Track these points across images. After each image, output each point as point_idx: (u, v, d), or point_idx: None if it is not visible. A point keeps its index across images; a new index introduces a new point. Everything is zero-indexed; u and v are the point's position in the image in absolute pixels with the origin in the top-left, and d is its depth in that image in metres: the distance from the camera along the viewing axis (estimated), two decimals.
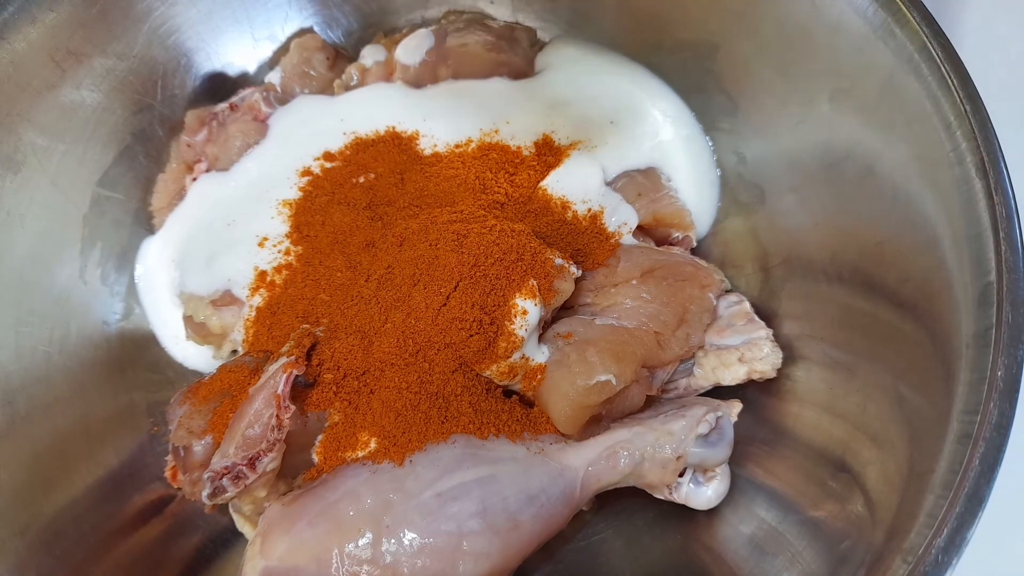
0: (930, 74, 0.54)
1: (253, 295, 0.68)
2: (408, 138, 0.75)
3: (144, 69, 0.73)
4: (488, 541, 0.55)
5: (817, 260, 0.66)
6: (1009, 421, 0.46)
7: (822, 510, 0.57)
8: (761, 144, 0.72)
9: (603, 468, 0.59)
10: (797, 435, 0.63)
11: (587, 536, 0.67)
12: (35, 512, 0.59)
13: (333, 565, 0.54)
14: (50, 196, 0.68)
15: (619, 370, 0.61)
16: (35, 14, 0.63)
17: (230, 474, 0.56)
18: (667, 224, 0.73)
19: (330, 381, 0.61)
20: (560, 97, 0.77)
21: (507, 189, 0.70)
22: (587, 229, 0.69)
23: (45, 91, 0.66)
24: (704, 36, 0.72)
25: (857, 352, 0.60)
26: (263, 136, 0.76)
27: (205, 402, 0.61)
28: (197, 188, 0.75)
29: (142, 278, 0.75)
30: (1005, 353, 0.47)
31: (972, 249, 0.50)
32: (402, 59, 0.79)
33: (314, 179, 0.73)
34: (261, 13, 0.79)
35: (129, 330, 0.73)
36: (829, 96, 0.63)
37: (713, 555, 0.61)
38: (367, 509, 0.55)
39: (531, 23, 0.83)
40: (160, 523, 0.65)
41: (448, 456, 0.57)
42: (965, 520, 0.45)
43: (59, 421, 0.65)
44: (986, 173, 0.50)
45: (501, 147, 0.73)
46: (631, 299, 0.65)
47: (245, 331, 0.67)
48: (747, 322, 0.67)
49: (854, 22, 0.58)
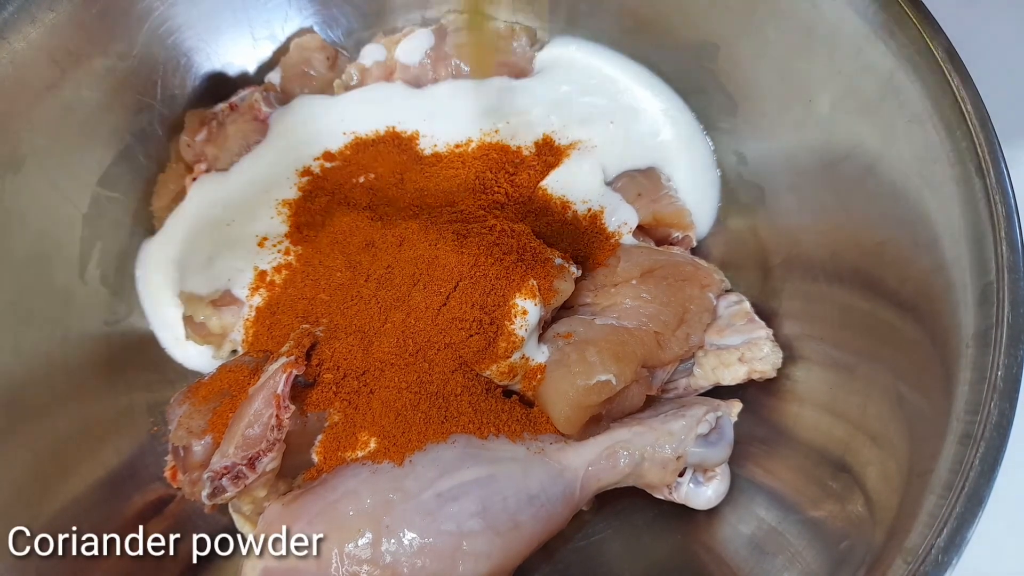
0: (930, 74, 0.54)
1: (253, 295, 0.68)
2: (408, 138, 0.75)
3: (144, 69, 0.73)
4: (488, 541, 0.55)
5: (817, 260, 0.66)
6: (1009, 421, 0.46)
7: (822, 510, 0.57)
8: (761, 144, 0.72)
9: (603, 468, 0.59)
10: (797, 435, 0.63)
11: (587, 536, 0.66)
12: (35, 512, 0.59)
13: (333, 565, 0.54)
14: (50, 196, 0.68)
15: (619, 370, 0.61)
16: (35, 14, 0.63)
17: (230, 474, 0.56)
18: (667, 224, 0.73)
19: (330, 381, 0.61)
20: (560, 97, 0.77)
21: (507, 189, 0.70)
22: (587, 229, 0.69)
23: (45, 91, 0.66)
24: (704, 36, 0.72)
25: (857, 352, 0.60)
26: (263, 136, 0.76)
27: (205, 402, 0.61)
28: (197, 188, 0.75)
29: (142, 278, 0.74)
30: (1005, 353, 0.47)
31: (972, 249, 0.50)
32: (402, 59, 0.79)
33: (314, 179, 0.73)
34: (261, 13, 0.79)
35: (129, 330, 0.73)
36: (829, 96, 0.63)
37: (713, 555, 0.61)
38: (367, 509, 0.55)
39: (531, 23, 0.83)
40: (160, 523, 0.65)
41: (448, 456, 0.57)
42: (965, 520, 0.45)
43: (59, 421, 0.64)
44: (986, 173, 0.50)
45: (501, 147, 0.73)
46: (631, 299, 0.65)
47: (245, 331, 0.67)
48: (747, 322, 0.67)
49: (854, 22, 0.58)
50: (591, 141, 0.75)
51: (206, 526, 0.65)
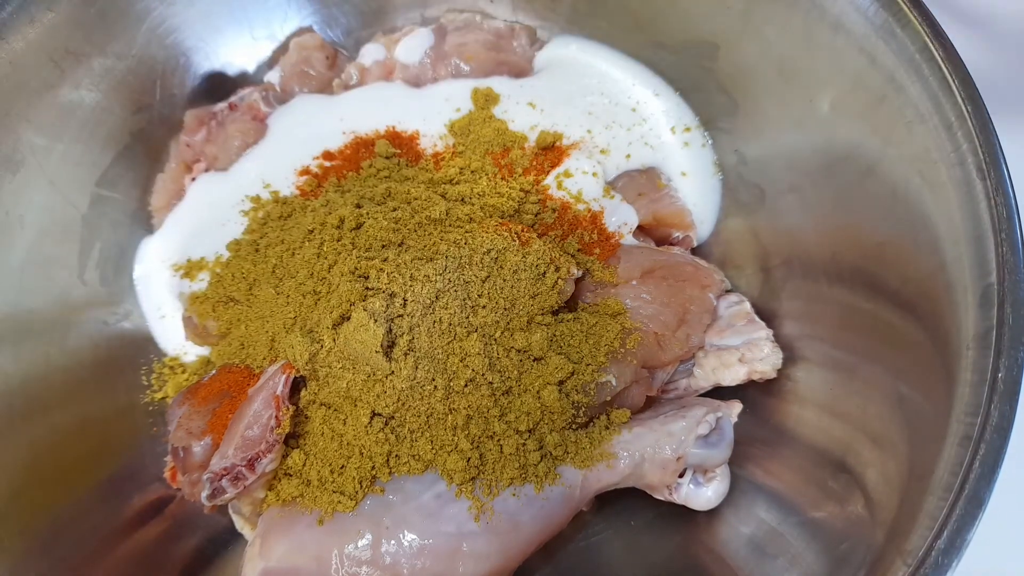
0: (931, 74, 0.54)
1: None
2: (408, 138, 0.75)
3: (143, 69, 0.73)
4: (488, 542, 0.55)
5: (818, 260, 0.66)
6: (1009, 423, 0.46)
7: (822, 511, 0.57)
8: (761, 144, 0.72)
9: (603, 469, 0.59)
10: (797, 436, 0.63)
11: (587, 536, 0.66)
12: (35, 512, 0.59)
13: (333, 566, 0.54)
14: (49, 196, 0.68)
15: (619, 370, 0.61)
16: (33, 14, 0.63)
17: (229, 475, 0.56)
18: (667, 224, 0.73)
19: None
20: (560, 96, 0.77)
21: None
22: (587, 229, 0.69)
23: (44, 91, 0.66)
24: (704, 36, 0.72)
25: (858, 353, 0.60)
26: (262, 136, 0.76)
27: (204, 403, 0.61)
28: (196, 188, 0.75)
29: (141, 278, 0.74)
30: (1006, 355, 0.47)
31: (973, 250, 0.50)
32: (402, 58, 0.79)
33: (313, 178, 0.73)
34: (260, 12, 0.79)
35: (129, 330, 0.73)
36: (830, 96, 0.63)
37: (713, 556, 0.61)
38: (367, 510, 0.55)
39: (531, 22, 0.83)
40: (160, 523, 0.65)
41: None
42: (965, 522, 0.45)
43: (59, 421, 0.64)
44: (987, 174, 0.50)
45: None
46: (631, 299, 0.65)
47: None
48: (747, 322, 0.67)
49: (855, 22, 0.58)
50: (591, 141, 0.74)
51: (206, 527, 0.65)
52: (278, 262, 0.64)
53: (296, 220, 0.67)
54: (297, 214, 0.68)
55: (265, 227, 0.69)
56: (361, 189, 0.68)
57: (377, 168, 0.71)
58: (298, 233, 0.64)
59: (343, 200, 0.66)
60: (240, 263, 0.67)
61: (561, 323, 0.61)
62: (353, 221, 0.62)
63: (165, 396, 0.70)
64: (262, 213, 0.71)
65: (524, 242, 0.60)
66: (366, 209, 0.64)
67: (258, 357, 0.62)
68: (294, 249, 0.64)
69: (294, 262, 0.63)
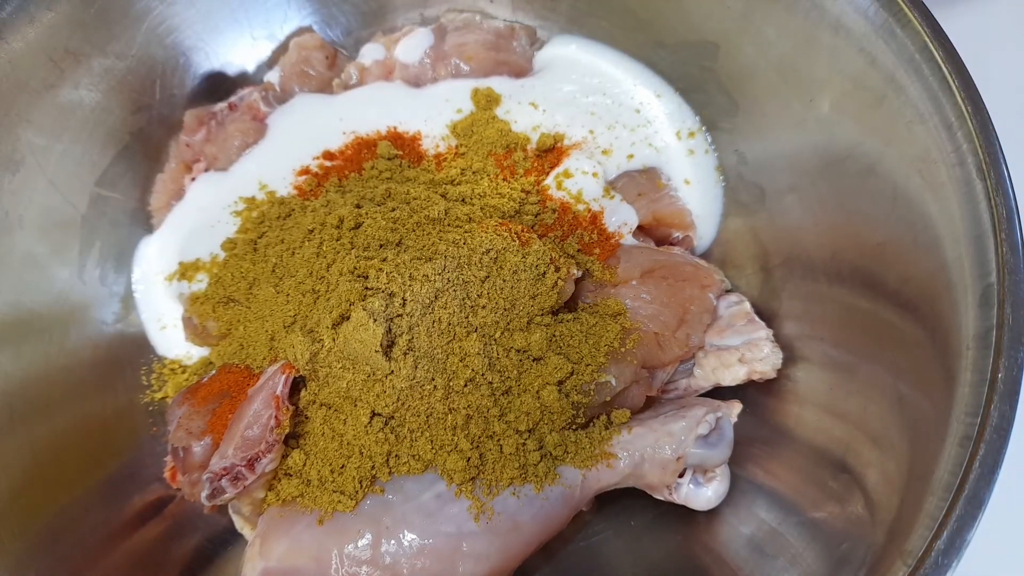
0: (931, 74, 0.54)
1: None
2: (410, 139, 0.75)
3: (142, 69, 0.73)
4: (488, 542, 0.55)
5: (818, 260, 0.66)
6: (1009, 423, 0.46)
7: (822, 511, 0.57)
8: (762, 144, 0.72)
9: (603, 469, 0.59)
10: (797, 436, 0.63)
11: (587, 536, 0.67)
12: (35, 513, 0.59)
13: (332, 566, 0.54)
14: (49, 196, 0.68)
15: (619, 370, 0.61)
16: (33, 13, 0.63)
17: (229, 475, 0.56)
18: (667, 224, 0.73)
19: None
20: (560, 96, 0.77)
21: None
22: (587, 229, 0.69)
23: (43, 91, 0.66)
24: (704, 36, 0.72)
25: (858, 353, 0.60)
26: (262, 136, 0.76)
27: (204, 403, 0.61)
28: (196, 188, 0.75)
29: (140, 279, 0.74)
30: (1006, 355, 0.47)
31: (973, 250, 0.50)
32: (401, 58, 0.79)
33: (313, 178, 0.73)
34: (260, 12, 0.79)
35: (128, 330, 0.73)
36: (830, 96, 0.63)
37: (713, 556, 0.61)
38: (366, 510, 0.55)
39: (531, 22, 0.83)
40: (160, 523, 0.65)
41: None
42: (965, 522, 0.45)
43: (59, 421, 0.64)
44: (987, 174, 0.50)
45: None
46: (631, 299, 0.65)
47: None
48: (747, 322, 0.67)
49: (855, 22, 0.58)
50: (593, 141, 0.74)
51: (205, 527, 0.65)
52: (278, 262, 0.64)
53: (296, 220, 0.67)
54: (297, 214, 0.68)
55: (263, 226, 0.69)
56: (362, 190, 0.68)
57: (379, 169, 0.71)
58: (298, 233, 0.64)
59: (343, 200, 0.66)
60: (239, 263, 0.67)
61: (561, 323, 0.61)
62: (352, 221, 0.62)
63: (165, 396, 0.70)
64: (256, 213, 0.70)
65: (524, 242, 0.60)
66: (365, 209, 0.64)
67: (258, 357, 0.62)
68: (294, 249, 0.64)
69: (294, 262, 0.63)
